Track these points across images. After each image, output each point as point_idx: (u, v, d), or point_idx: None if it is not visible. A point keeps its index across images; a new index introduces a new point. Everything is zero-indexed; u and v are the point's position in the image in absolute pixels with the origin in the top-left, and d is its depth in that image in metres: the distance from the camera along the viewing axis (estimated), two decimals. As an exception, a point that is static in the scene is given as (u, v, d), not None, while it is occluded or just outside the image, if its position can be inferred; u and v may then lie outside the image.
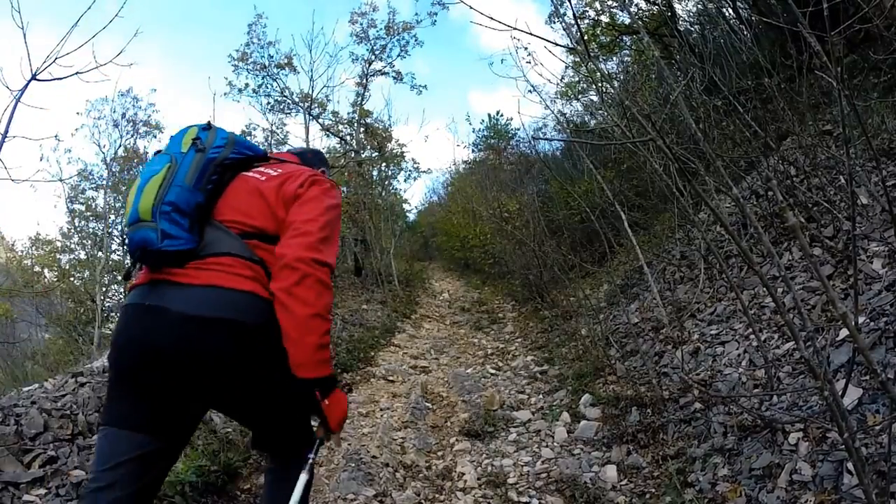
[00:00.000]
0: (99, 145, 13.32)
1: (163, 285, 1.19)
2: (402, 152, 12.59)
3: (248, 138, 11.55)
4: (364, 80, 11.06)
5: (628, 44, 8.21)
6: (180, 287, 1.18)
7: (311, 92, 8.72)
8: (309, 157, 1.63)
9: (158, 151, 1.34)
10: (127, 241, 1.27)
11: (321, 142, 13.03)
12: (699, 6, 6.35)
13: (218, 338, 1.15)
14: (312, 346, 1.18)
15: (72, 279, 13.17)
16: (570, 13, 7.01)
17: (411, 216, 17.64)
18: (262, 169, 1.39)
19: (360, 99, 11.26)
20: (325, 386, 1.23)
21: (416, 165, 13.57)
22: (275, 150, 1.54)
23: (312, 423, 1.38)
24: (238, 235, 1.26)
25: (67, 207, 13.24)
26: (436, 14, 10.62)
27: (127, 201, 1.27)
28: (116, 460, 1.15)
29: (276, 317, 1.18)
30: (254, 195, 1.30)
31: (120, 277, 1.32)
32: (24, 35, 1.99)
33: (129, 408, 1.18)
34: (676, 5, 6.78)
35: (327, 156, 10.60)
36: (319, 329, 1.18)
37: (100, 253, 12.83)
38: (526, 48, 10.91)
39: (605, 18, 8.10)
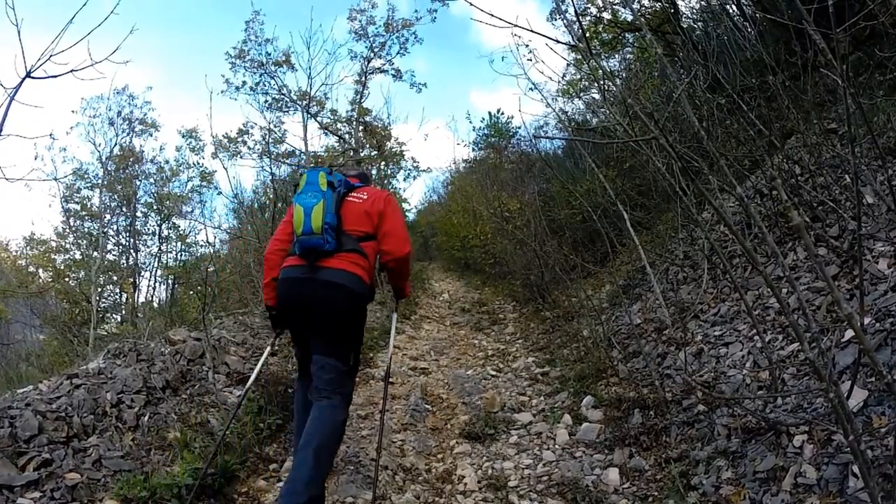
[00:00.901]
0: (94, 144, 13.34)
1: (316, 267, 2.25)
2: (402, 151, 12.59)
3: (245, 137, 11.49)
4: (363, 78, 11.06)
5: (631, 41, 8.21)
6: (325, 268, 2.25)
7: (309, 90, 8.72)
8: (365, 178, 2.72)
9: (297, 186, 2.41)
10: (301, 242, 2.26)
11: (319, 140, 13.04)
12: (703, 3, 6.35)
13: (336, 292, 2.25)
14: (406, 281, 2.68)
15: (67, 279, 13.17)
16: (571, 10, 7.02)
17: (411, 216, 17.62)
18: (356, 194, 2.45)
19: (358, 97, 11.26)
20: (403, 291, 2.74)
21: (415, 164, 13.56)
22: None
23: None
24: (356, 239, 2.33)
25: (62, 207, 13.26)
26: (435, 11, 10.63)
27: (296, 219, 2.27)
28: (303, 364, 2.45)
29: (367, 288, 2.34)
30: (361, 213, 2.38)
31: (305, 262, 2.23)
32: (19, 32, 1.98)
33: (296, 335, 2.47)
34: (679, 2, 6.78)
35: (324, 154, 10.63)
36: (407, 276, 2.63)
37: (95, 253, 12.83)
38: (527, 45, 10.93)
39: (607, 15, 8.09)
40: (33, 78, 2.03)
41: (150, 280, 14.81)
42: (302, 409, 2.38)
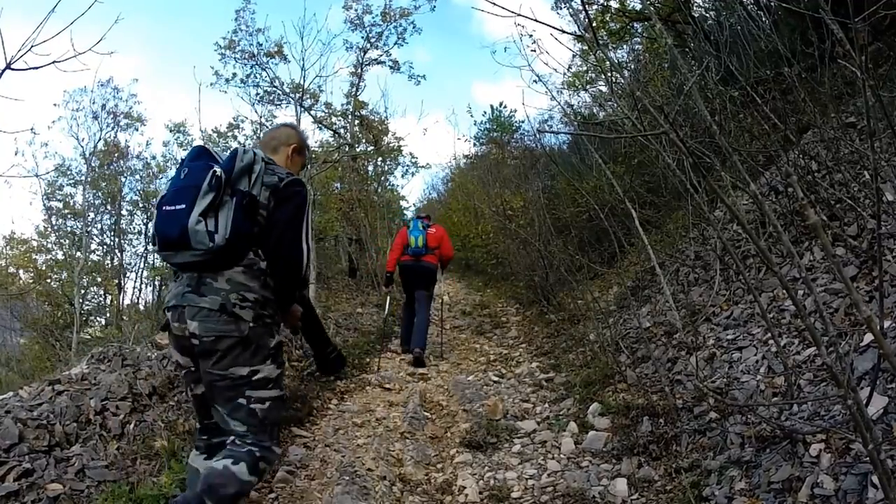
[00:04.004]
0: (77, 139, 13.36)
1: (418, 260, 5.63)
2: (400, 146, 12.61)
3: (236, 131, 11.49)
4: (359, 70, 11.07)
5: (639, 31, 8.21)
6: (421, 260, 5.63)
7: (302, 82, 8.69)
8: (429, 217, 6.09)
9: (406, 226, 5.85)
10: (412, 250, 5.61)
11: (314, 135, 12.99)
12: (715, -9, 6.34)
13: (425, 270, 5.67)
14: (449, 262, 6.28)
15: (48, 281, 13.18)
16: (577, -2, 7.00)
17: (409, 214, 17.66)
18: (431, 229, 5.72)
19: (354, 90, 11.27)
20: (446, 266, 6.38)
21: (413, 160, 13.59)
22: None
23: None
24: (432, 248, 5.64)
25: (44, 205, 13.29)
26: None
27: (410, 241, 5.60)
28: (410, 298, 5.79)
29: (436, 267, 5.77)
30: (433, 238, 5.65)
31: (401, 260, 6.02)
32: (-2, 21, 1.99)
33: (408, 288, 5.82)
34: (690, -10, 6.75)
35: (320, 150, 10.69)
36: (449, 262, 6.22)
37: (78, 253, 12.83)
38: (531, 35, 10.92)
39: (614, 4, 8.10)
40: (13, 69, 2.03)
41: (135, 281, 14.80)
42: (406, 321, 5.68)
